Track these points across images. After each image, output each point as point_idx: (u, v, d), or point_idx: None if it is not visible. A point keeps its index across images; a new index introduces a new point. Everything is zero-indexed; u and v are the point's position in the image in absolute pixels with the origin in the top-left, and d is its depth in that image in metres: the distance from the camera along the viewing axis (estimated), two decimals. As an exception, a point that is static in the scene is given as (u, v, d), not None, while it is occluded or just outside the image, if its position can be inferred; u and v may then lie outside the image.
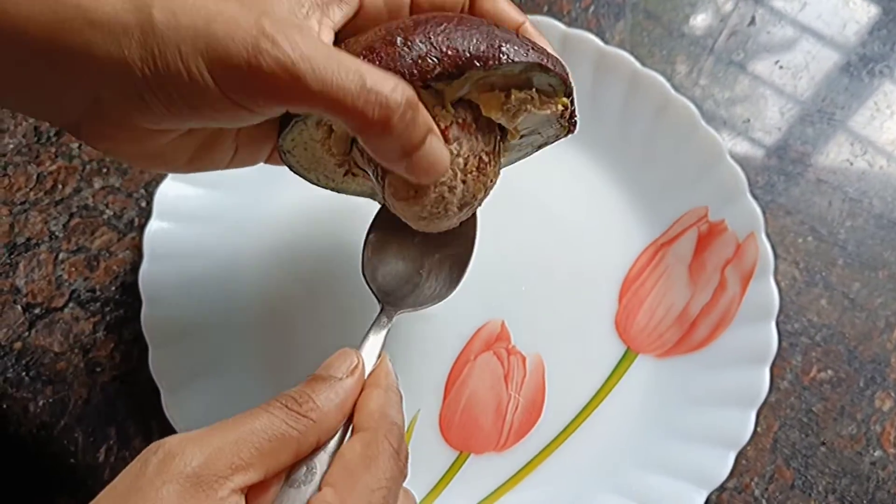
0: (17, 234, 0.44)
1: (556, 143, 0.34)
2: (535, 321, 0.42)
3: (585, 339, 0.42)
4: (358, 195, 0.36)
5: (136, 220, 0.44)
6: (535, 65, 0.28)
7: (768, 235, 0.42)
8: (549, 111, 0.30)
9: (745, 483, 0.40)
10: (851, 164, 0.47)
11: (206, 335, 0.41)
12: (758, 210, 0.42)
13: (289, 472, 0.26)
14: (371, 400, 0.28)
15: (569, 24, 0.46)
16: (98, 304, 0.43)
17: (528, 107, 0.30)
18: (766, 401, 0.40)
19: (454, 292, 0.35)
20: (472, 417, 0.40)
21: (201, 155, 0.30)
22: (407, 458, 0.27)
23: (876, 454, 0.41)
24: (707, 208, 0.43)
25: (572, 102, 0.31)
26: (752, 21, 0.51)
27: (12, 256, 0.43)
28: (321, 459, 0.26)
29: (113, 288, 0.43)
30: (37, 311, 0.42)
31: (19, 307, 0.42)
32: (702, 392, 0.40)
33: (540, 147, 0.35)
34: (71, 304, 0.43)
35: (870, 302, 0.44)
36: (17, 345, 0.42)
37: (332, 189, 0.35)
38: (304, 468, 0.26)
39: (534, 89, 0.30)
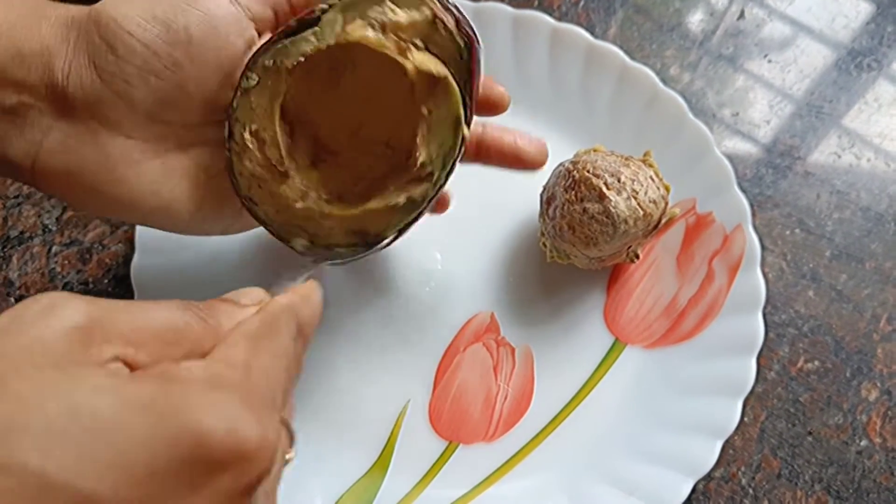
0: (10, 228, 0.44)
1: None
2: (524, 313, 0.42)
3: (574, 330, 0.42)
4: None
5: (129, 213, 0.45)
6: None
7: (756, 227, 0.42)
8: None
9: (732, 472, 0.40)
10: (839, 157, 0.48)
11: (198, 327, 0.41)
12: (745, 202, 0.42)
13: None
14: (280, 297, 0.26)
15: (559, 19, 0.46)
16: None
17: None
18: (753, 391, 0.40)
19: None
20: (462, 408, 0.41)
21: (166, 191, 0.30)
22: (304, 349, 0.26)
23: (862, 444, 0.41)
24: (695, 200, 0.43)
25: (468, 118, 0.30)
26: (742, 15, 0.51)
27: (6, 250, 0.44)
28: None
29: (105, 281, 0.43)
30: (30, 303, 0.43)
31: (12, 300, 0.43)
32: (689, 382, 0.40)
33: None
34: (64, 297, 0.43)
35: (856, 293, 0.44)
36: (11, 337, 0.42)
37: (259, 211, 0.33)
38: None
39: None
